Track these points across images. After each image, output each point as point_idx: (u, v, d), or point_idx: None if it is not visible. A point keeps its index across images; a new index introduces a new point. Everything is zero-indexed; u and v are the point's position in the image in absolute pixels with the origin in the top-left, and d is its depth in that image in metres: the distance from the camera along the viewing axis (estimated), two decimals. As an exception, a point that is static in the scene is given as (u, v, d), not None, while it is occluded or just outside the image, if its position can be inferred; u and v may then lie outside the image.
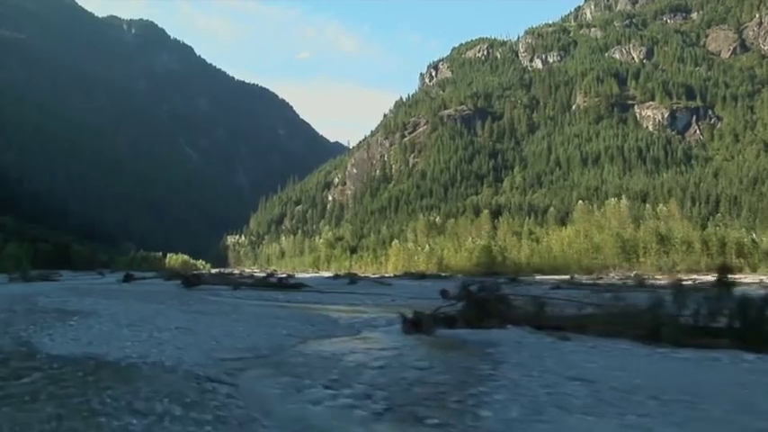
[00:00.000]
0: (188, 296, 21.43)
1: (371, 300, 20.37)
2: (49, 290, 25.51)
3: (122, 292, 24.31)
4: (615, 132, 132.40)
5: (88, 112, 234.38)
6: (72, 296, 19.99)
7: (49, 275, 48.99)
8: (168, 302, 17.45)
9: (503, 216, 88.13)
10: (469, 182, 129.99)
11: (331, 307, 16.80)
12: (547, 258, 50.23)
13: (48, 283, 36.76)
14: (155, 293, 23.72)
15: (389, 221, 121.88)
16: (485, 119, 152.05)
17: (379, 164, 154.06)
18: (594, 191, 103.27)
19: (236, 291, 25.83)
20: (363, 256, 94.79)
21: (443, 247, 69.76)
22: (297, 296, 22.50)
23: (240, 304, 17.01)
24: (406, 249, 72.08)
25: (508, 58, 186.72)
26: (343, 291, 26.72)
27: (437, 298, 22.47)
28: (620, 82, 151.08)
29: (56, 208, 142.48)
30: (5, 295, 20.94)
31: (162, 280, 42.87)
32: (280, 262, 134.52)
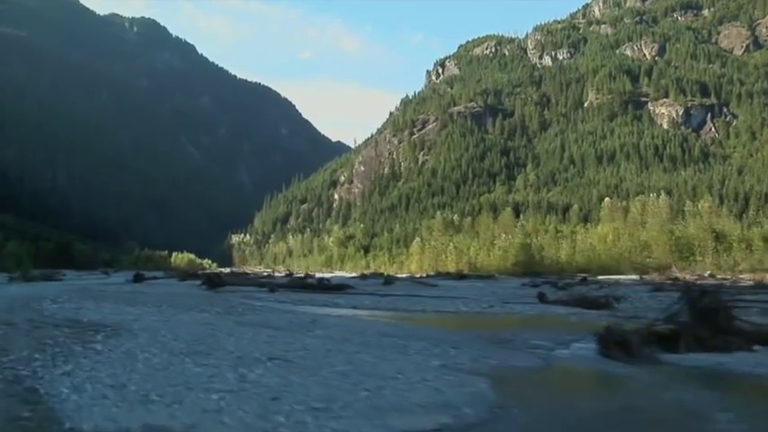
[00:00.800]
0: (223, 301, 17.50)
1: (452, 304, 16.49)
2: (55, 292, 21.61)
3: (140, 295, 20.41)
4: (630, 130, 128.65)
5: (90, 109, 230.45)
6: (84, 300, 16.10)
7: (52, 275, 45.02)
8: (208, 310, 13.53)
9: (523, 214, 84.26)
10: (482, 180, 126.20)
11: (426, 315, 12.94)
12: (591, 257, 46.40)
13: (51, 284, 32.80)
14: (179, 296, 19.82)
15: (401, 220, 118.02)
16: (495, 116, 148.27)
17: (388, 161, 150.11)
18: (615, 188, 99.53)
19: (275, 293, 21.89)
20: (378, 255, 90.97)
21: (468, 246, 65.67)
22: (354, 300, 18.58)
23: (305, 313, 13.07)
24: (431, 248, 68.05)
25: (517, 55, 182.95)
26: (396, 293, 22.77)
27: (520, 300, 18.70)
28: (633, 79, 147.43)
29: (57, 206, 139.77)
30: (4, 299, 17.02)
31: (176, 280, 38.94)
32: (287, 261, 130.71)
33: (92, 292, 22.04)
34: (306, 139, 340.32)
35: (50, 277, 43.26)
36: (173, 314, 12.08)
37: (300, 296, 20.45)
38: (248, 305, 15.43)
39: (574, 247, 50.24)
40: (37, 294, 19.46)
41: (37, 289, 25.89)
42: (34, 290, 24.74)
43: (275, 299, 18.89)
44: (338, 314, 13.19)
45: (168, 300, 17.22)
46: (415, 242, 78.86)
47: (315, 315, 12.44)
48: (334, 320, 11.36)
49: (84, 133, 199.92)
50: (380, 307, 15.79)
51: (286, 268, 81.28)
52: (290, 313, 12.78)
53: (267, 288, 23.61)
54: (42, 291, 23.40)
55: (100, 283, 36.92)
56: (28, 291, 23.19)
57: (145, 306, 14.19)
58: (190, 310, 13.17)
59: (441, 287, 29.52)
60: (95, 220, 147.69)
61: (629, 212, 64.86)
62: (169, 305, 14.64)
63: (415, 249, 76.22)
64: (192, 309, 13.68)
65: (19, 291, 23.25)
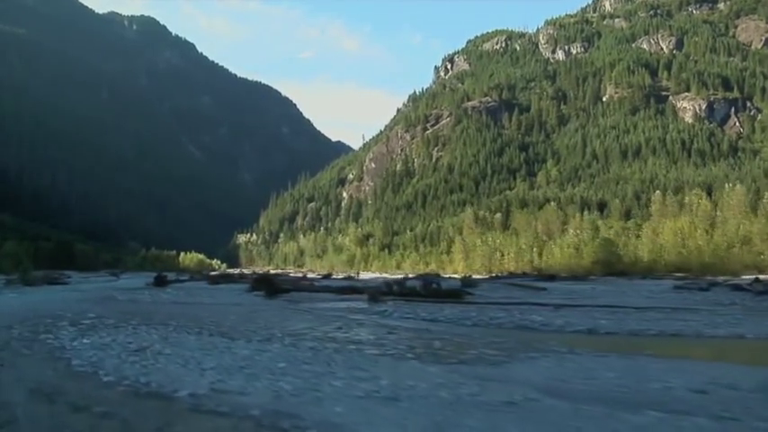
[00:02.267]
0: (318, 317, 10.99)
1: (680, 323, 10.01)
2: (67, 303, 15.12)
3: (194, 310, 13.93)
4: (654, 124, 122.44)
5: (90, 108, 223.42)
6: (129, 325, 9.58)
7: (56, 277, 38.33)
8: (389, 348, 7.00)
9: (545, 211, 77.70)
10: (501, 176, 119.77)
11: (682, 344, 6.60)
12: (685, 255, 40.04)
13: (56, 289, 26.10)
14: (260, 312, 13.35)
15: (419, 218, 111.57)
16: (511, 111, 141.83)
17: (400, 158, 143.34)
18: (650, 183, 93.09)
19: (379, 304, 15.35)
20: (405, 254, 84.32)
21: (528, 244, 58.81)
22: (519, 314, 12.02)
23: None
24: (487, 246, 61.38)
25: (529, 49, 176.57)
26: (544, 301, 16.17)
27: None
28: (652, 73, 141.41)
29: (56, 206, 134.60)
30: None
31: (205, 283, 32.35)
32: (298, 261, 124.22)
33: (120, 303, 15.61)
34: (307, 139, 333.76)
35: (54, 280, 36.59)
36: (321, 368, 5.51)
37: (430, 309, 13.93)
38: (418, 334, 8.90)
39: (661, 245, 43.88)
40: (44, 309, 12.97)
41: (40, 297, 19.37)
42: (37, 299, 18.22)
43: (411, 315, 12.33)
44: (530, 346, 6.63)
45: (245, 317, 10.81)
46: (458, 240, 72.00)
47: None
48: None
49: (84, 132, 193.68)
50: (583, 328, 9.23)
51: (308, 269, 75.00)
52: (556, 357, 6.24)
53: (367, 296, 17.05)
54: (49, 301, 16.91)
55: (113, 286, 30.26)
56: (29, 301, 16.69)
57: (246, 339, 7.66)
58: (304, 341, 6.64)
59: (559, 291, 22.98)
60: (96, 219, 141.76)
61: (684, 207, 58.58)
62: (289, 336, 8.12)
63: (458, 248, 69.40)
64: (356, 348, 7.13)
65: (17, 301, 16.74)
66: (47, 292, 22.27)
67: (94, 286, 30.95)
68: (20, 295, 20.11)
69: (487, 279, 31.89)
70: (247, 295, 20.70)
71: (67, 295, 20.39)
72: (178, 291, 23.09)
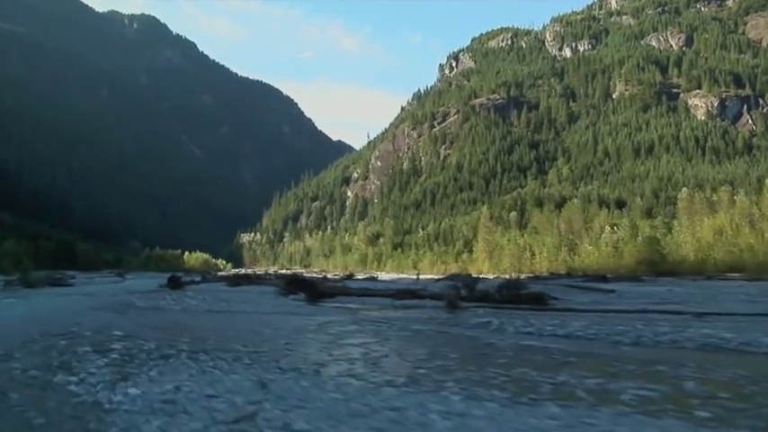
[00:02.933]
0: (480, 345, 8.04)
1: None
2: (78, 312, 12.13)
3: (234, 319, 10.98)
4: (667, 121, 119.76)
5: (90, 107, 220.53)
6: (169, 348, 6.62)
7: (59, 278, 35.16)
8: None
9: (568, 209, 74.80)
10: (512, 174, 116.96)
11: None
12: (737, 254, 37.00)
13: (62, 293, 23.01)
14: (307, 322, 10.40)
15: (429, 216, 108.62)
16: (520, 108, 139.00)
17: (407, 156, 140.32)
18: (668, 181, 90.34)
19: (456, 313, 12.37)
20: (419, 253, 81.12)
21: (550, 244, 55.77)
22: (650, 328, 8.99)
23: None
24: (516, 245, 58.19)
25: (535, 47, 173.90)
26: (658, 308, 13.12)
27: None
28: (662, 70, 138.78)
29: (56, 205, 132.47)
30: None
31: (224, 285, 29.25)
32: (305, 261, 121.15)
33: (145, 313, 12.59)
34: (308, 138, 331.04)
35: (57, 281, 33.45)
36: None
37: (532, 319, 10.93)
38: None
39: (708, 244, 40.92)
40: (52, 322, 9.97)
41: (44, 302, 16.33)
42: (42, 305, 15.19)
43: (530, 329, 9.32)
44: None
45: (348, 340, 7.91)
46: (481, 239, 68.74)
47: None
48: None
49: (84, 131, 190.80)
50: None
51: (318, 269, 71.90)
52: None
53: (445, 303, 14.03)
54: (56, 309, 13.91)
55: (123, 288, 27.17)
56: (32, 309, 13.66)
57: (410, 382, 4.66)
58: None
59: (632, 294, 19.96)
60: (96, 219, 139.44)
61: (713, 204, 55.63)
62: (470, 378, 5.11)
63: (481, 247, 66.15)
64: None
65: (17, 309, 13.70)
66: (51, 296, 19.22)
67: (102, 288, 27.92)
68: (20, 300, 17.04)
69: (532, 280, 28.90)
70: (284, 300, 17.68)
71: (76, 300, 17.32)
72: (201, 294, 20.01)
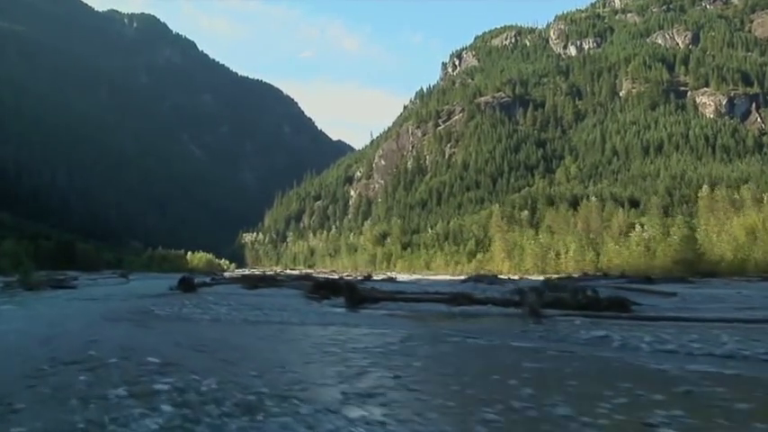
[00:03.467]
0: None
1: None
2: (91, 324, 10.07)
3: (286, 334, 8.88)
4: (676, 119, 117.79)
5: (89, 106, 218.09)
6: (238, 389, 4.48)
7: (61, 280, 32.97)
8: None
9: (585, 208, 72.70)
10: (519, 172, 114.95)
11: None
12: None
13: (65, 296, 20.87)
14: (375, 339, 8.29)
15: (437, 215, 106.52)
16: (525, 106, 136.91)
17: (411, 155, 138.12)
18: (681, 180, 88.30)
19: (541, 321, 10.26)
20: (430, 253, 78.81)
21: (577, 243, 53.31)
22: None
23: None
24: (539, 245, 55.81)
25: (539, 45, 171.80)
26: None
27: None
28: (668, 67, 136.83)
29: (56, 205, 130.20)
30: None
31: (239, 287, 27.08)
32: (309, 261, 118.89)
33: (172, 326, 10.46)
34: (309, 138, 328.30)
35: (60, 283, 31.23)
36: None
37: (637, 331, 8.84)
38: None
39: (746, 243, 38.79)
40: (62, 339, 7.90)
41: (49, 310, 14.22)
42: (46, 313, 13.09)
43: (677, 348, 7.23)
44: None
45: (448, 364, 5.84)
46: (498, 239, 66.29)
47: None
48: None
49: (84, 130, 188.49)
50: None
51: (330, 269, 69.65)
52: None
53: (527, 311, 11.87)
54: (64, 318, 11.78)
55: (131, 292, 25.02)
56: (35, 319, 11.54)
57: None
58: None
59: (696, 298, 17.85)
60: (96, 218, 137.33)
61: (735, 203, 53.58)
62: None
63: (499, 247, 63.75)
64: None
65: (18, 320, 11.57)
66: (55, 302, 17.07)
67: (109, 291, 25.78)
68: (20, 307, 14.89)
69: (572, 282, 26.77)
70: (320, 306, 15.56)
71: (84, 307, 15.18)
72: (222, 299, 17.80)
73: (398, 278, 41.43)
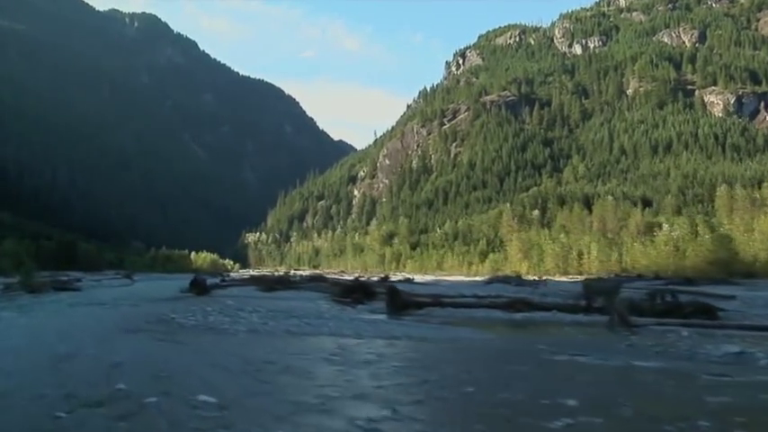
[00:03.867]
0: None
1: None
2: (106, 338, 8.46)
3: (343, 351, 7.25)
4: (685, 118, 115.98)
5: (91, 105, 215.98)
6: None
7: (64, 282, 31.33)
8: None
9: (600, 207, 70.94)
10: (526, 172, 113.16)
11: None
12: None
13: (70, 299, 19.26)
14: (454, 356, 6.67)
15: (443, 215, 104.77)
16: (531, 105, 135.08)
17: (416, 154, 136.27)
18: (693, 179, 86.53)
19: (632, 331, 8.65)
20: (441, 253, 76.89)
21: (590, 243, 51.53)
22: None
23: None
24: (560, 245, 53.88)
25: (544, 44, 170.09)
26: None
27: None
28: (675, 66, 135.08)
29: (57, 204, 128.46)
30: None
31: (254, 289, 25.40)
32: (313, 262, 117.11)
33: (201, 337, 8.85)
34: (310, 137, 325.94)
35: (63, 285, 29.57)
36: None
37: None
38: None
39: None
40: (73, 361, 6.28)
41: (53, 318, 12.66)
42: (50, 324, 11.52)
43: None
44: None
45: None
46: (516, 238, 64.25)
47: None
48: None
49: (85, 130, 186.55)
50: None
51: (339, 270, 67.86)
52: None
53: (616, 321, 10.26)
54: (72, 329, 10.18)
55: (140, 294, 23.44)
56: (39, 331, 9.91)
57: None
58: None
59: (759, 301, 16.23)
60: (97, 218, 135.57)
61: (755, 202, 51.98)
62: None
63: (516, 247, 61.82)
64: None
65: (18, 332, 9.94)
66: (60, 307, 15.47)
67: (116, 294, 24.16)
68: (21, 314, 13.27)
69: (607, 282, 25.12)
70: (357, 312, 13.99)
71: (94, 314, 13.56)
72: (244, 304, 16.14)
73: (415, 279, 39.76)
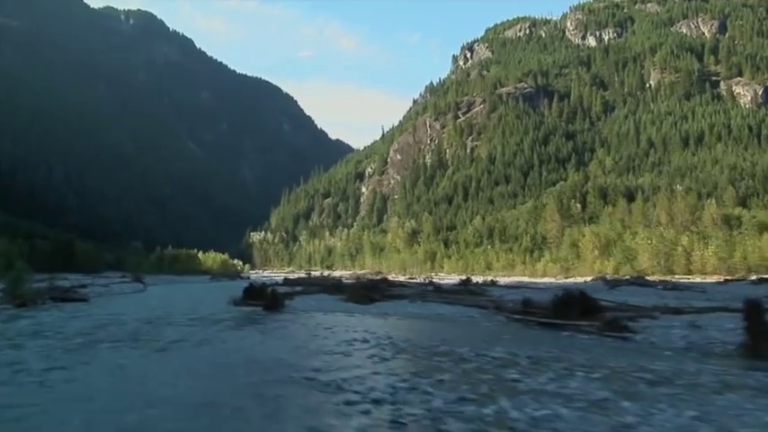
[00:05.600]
0: None
1: None
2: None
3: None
4: (714, 109, 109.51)
5: (87, 103, 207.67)
6: None
7: (67, 291, 24.09)
8: None
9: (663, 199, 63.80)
10: (550, 166, 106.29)
11: None
12: None
13: (82, 326, 12.05)
14: None
15: (467, 211, 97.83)
16: (550, 98, 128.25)
17: (430, 148, 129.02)
18: (741, 171, 79.87)
19: None
20: (485, 251, 69.02)
21: (702, 238, 43.96)
22: None
23: None
24: (661, 241, 46.29)
25: (556, 36, 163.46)
26: None
27: None
28: (697, 57, 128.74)
29: (52, 204, 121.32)
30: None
31: (340, 299, 18.37)
32: (326, 262, 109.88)
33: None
34: (309, 136, 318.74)
35: (65, 295, 22.41)
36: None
37: None
38: None
39: None
40: None
41: (54, 391, 5.46)
42: (51, 407, 4.33)
43: None
44: None
45: None
46: (589, 234, 56.31)
47: None
48: None
49: (81, 127, 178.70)
50: None
51: (375, 271, 60.59)
52: None
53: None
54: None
55: (173, 308, 16.38)
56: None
57: None
58: None
59: None
60: (94, 217, 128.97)
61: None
62: None
63: (590, 243, 54.24)
64: None
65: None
66: (64, 342, 8.32)
67: (137, 307, 17.01)
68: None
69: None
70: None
71: (134, 367, 6.43)
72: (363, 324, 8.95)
73: (503, 281, 32.84)
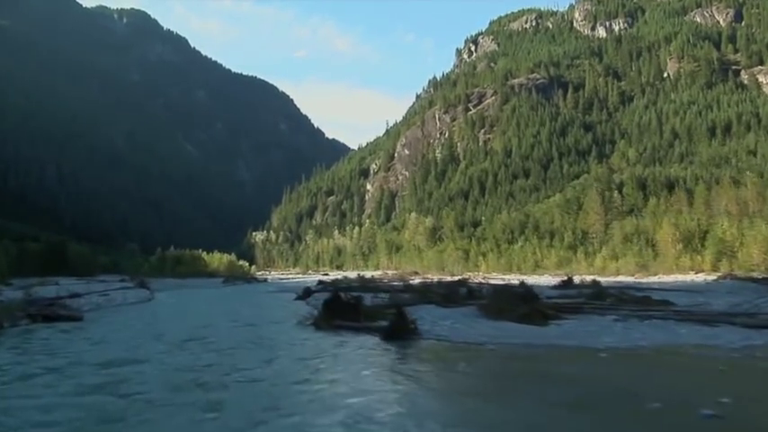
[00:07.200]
0: None
1: None
2: None
3: None
4: (740, 98, 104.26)
5: (80, 103, 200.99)
6: None
7: (52, 306, 17.57)
8: None
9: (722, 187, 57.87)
10: (570, 158, 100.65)
11: None
12: None
13: (88, 385, 5.63)
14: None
15: (487, 207, 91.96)
16: (565, 89, 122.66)
17: (440, 142, 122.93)
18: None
19: None
20: (540, 250, 61.58)
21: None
22: None
23: None
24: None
25: (564, 27, 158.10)
26: None
27: None
28: (715, 46, 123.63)
29: (45, 205, 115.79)
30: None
31: (474, 315, 12.12)
32: (335, 262, 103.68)
33: None
34: (306, 136, 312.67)
35: (54, 314, 15.96)
36: None
37: None
38: None
39: None
40: None
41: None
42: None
43: None
44: None
45: None
46: (666, 224, 49.41)
47: None
48: None
49: (74, 128, 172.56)
50: None
51: (421, 273, 54.09)
52: None
53: None
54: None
55: (207, 334, 9.80)
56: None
57: None
58: None
59: None
60: (88, 219, 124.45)
61: None
62: None
63: (670, 235, 47.63)
64: None
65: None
66: None
67: (159, 329, 10.42)
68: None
69: None
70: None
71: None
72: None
73: (603, 282, 26.63)
